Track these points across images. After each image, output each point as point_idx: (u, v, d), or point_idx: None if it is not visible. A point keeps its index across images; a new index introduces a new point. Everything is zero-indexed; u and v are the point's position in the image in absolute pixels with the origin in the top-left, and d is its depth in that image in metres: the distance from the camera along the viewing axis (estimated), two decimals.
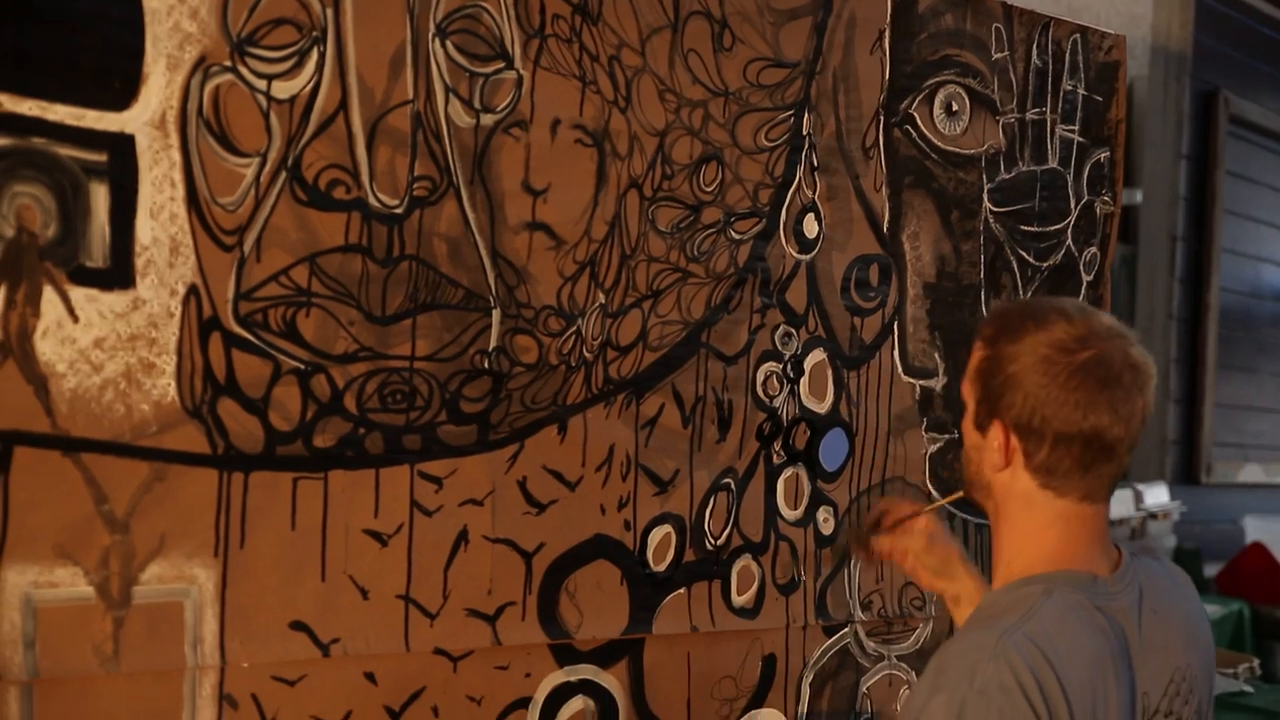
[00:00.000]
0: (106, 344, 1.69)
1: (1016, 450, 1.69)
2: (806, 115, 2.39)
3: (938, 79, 2.58)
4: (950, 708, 1.55)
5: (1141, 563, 1.79)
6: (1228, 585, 5.65)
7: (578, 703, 2.14)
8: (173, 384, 1.74)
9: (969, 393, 1.79)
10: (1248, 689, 3.76)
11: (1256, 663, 3.99)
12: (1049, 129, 2.75)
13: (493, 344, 2.02)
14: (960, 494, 1.95)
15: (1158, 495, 5.43)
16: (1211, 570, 5.84)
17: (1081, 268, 2.84)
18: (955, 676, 1.57)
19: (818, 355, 2.43)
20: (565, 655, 2.13)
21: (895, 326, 2.55)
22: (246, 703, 1.82)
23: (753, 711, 2.37)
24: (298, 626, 1.86)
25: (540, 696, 2.11)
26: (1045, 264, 2.77)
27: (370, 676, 1.93)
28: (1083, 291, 2.84)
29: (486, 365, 2.02)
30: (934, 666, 1.64)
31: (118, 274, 1.70)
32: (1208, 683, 1.79)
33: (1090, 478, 1.68)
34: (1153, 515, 5.33)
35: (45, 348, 1.64)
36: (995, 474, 1.73)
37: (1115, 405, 1.64)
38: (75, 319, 1.66)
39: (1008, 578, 1.72)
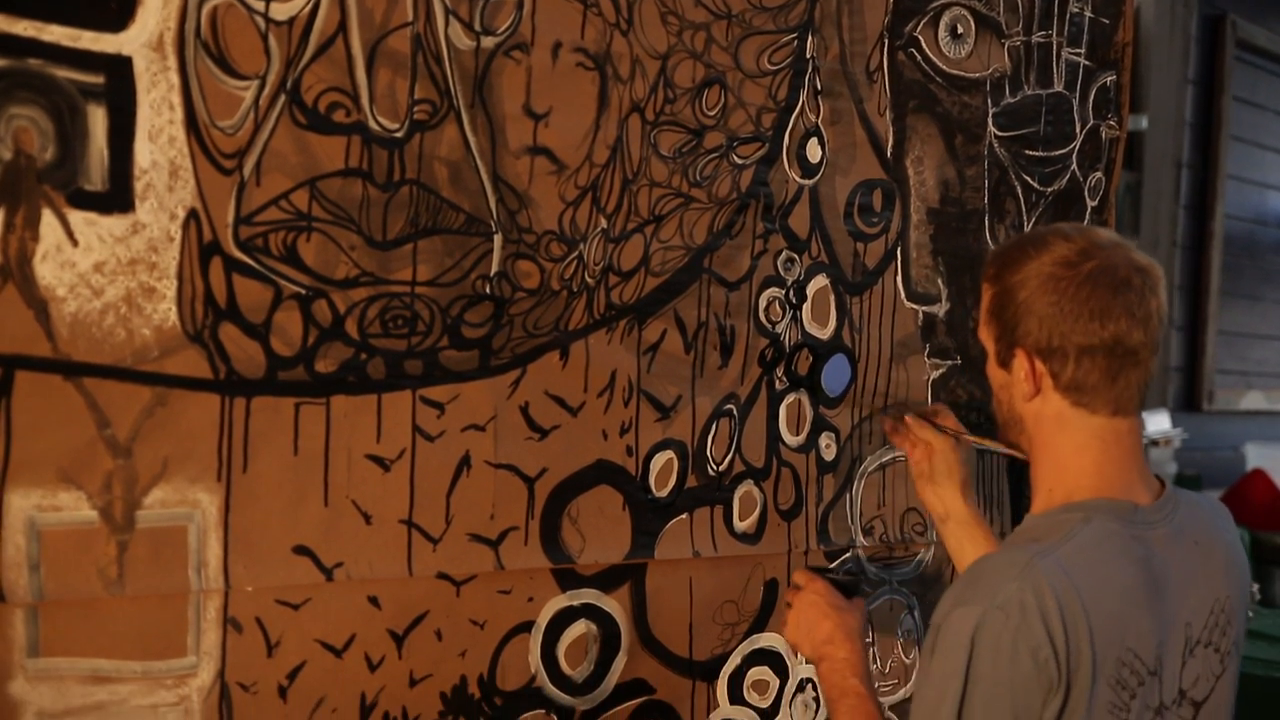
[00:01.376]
0: (106, 268, 1.68)
1: (1043, 374, 1.70)
2: (810, 38, 2.36)
3: (943, 1, 2.56)
4: (970, 620, 1.58)
5: (1183, 494, 1.79)
6: None
7: (580, 626, 2.16)
8: (173, 309, 1.74)
9: (986, 335, 1.81)
10: (1248, 613, 3.79)
11: (1256, 588, 4.03)
12: (1055, 52, 2.73)
13: (494, 269, 2.01)
14: (998, 445, 1.96)
15: (1159, 422, 5.44)
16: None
17: (1086, 193, 2.82)
18: (981, 591, 1.60)
19: (820, 281, 2.42)
20: (567, 580, 2.14)
21: (898, 252, 2.54)
22: (251, 626, 1.83)
23: (754, 635, 2.38)
24: (301, 551, 1.86)
25: (543, 620, 2.12)
26: (1050, 189, 2.76)
27: (374, 600, 1.94)
28: (1087, 217, 2.83)
29: (488, 290, 2.01)
30: (966, 579, 1.66)
31: (117, 197, 1.68)
32: (1243, 613, 1.80)
33: (1118, 388, 1.69)
34: (1154, 442, 5.34)
35: (45, 271, 1.63)
36: (1026, 404, 1.74)
37: (1130, 309, 1.66)
38: (75, 243, 1.65)
39: (1048, 503, 1.73)
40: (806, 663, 2.33)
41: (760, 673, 2.39)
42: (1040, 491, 1.77)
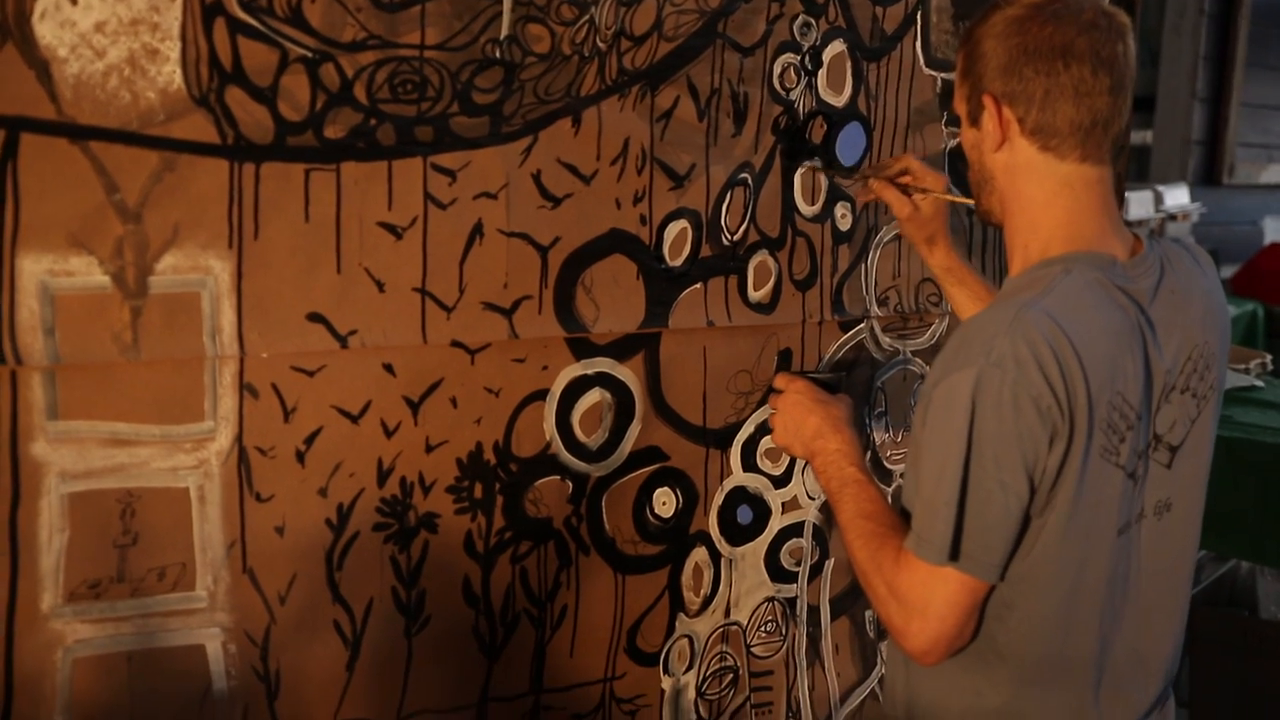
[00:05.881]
0: (108, 28, 1.64)
1: (1010, 120, 1.69)
2: None
3: None
4: (968, 382, 1.57)
5: (1161, 245, 1.79)
6: (1243, 286, 5.66)
7: (594, 395, 2.17)
8: (178, 71, 1.70)
9: (959, 99, 1.79)
10: (1259, 384, 3.83)
11: (1268, 358, 4.05)
12: None
13: (504, 33, 1.97)
14: (961, 198, 1.96)
15: (1178, 196, 5.39)
16: (1228, 272, 5.84)
17: None
18: (973, 351, 1.59)
19: (837, 47, 2.37)
20: (582, 349, 2.15)
21: (919, 16, 2.47)
22: (267, 392, 1.85)
23: (768, 405, 2.39)
24: (315, 318, 1.87)
25: (557, 389, 2.13)
26: None
27: (389, 368, 1.95)
28: None
29: (498, 55, 1.97)
30: (953, 344, 1.66)
31: None
32: (1223, 358, 1.81)
33: (1084, 132, 1.67)
34: (1172, 217, 5.30)
35: (44, 31, 1.60)
36: (994, 156, 1.73)
37: (1095, 49, 1.65)
38: (73, 1, 1.61)
39: (1025, 262, 1.72)
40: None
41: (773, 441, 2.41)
42: (1016, 250, 1.76)
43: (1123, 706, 1.75)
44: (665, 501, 2.29)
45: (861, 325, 2.50)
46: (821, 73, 2.35)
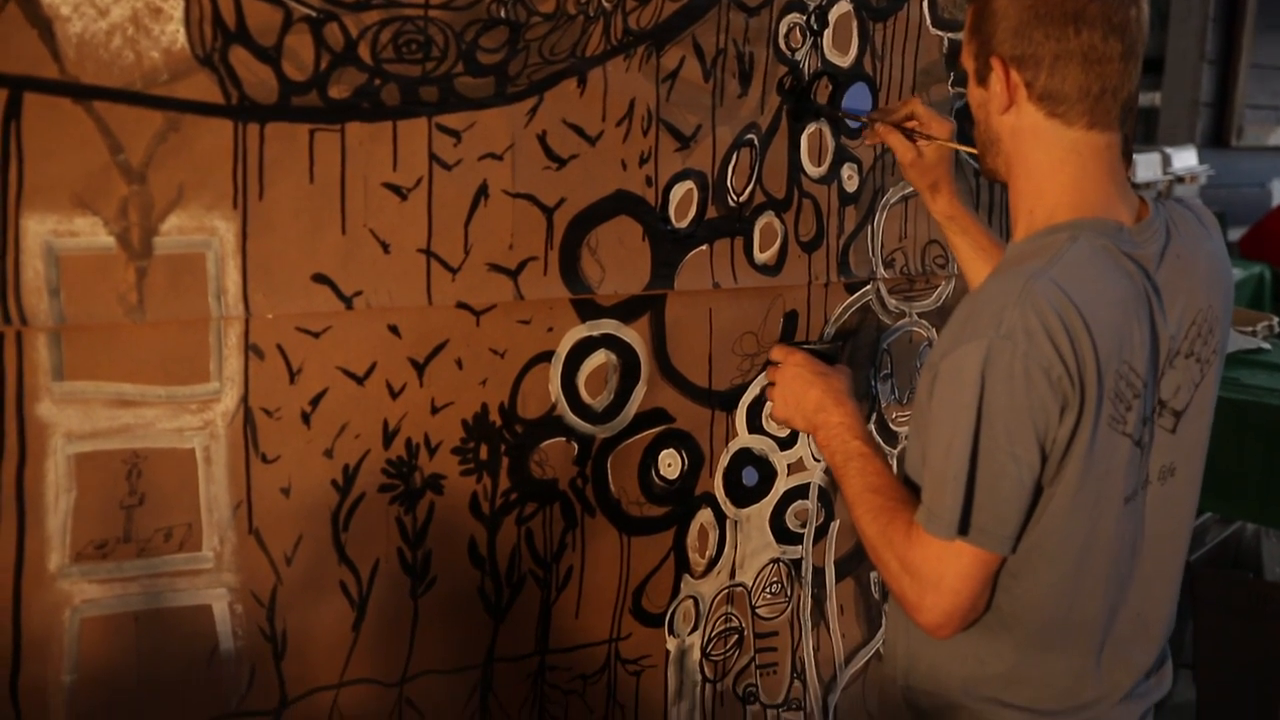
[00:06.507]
0: None
1: (1018, 84, 1.68)
2: None
3: None
4: (977, 354, 1.56)
5: (1167, 207, 1.78)
6: (1251, 249, 5.63)
7: (600, 356, 2.17)
8: (181, 30, 1.70)
9: (967, 56, 1.78)
10: (1265, 346, 3.83)
11: (1275, 320, 4.05)
12: None
13: None
14: (967, 147, 1.95)
15: (1186, 159, 5.37)
16: (1236, 234, 5.82)
17: None
18: (982, 323, 1.58)
19: (843, 6, 2.35)
20: (587, 310, 2.14)
21: None
22: (272, 353, 1.84)
23: (765, 376, 2.39)
24: (320, 279, 1.86)
25: (563, 350, 2.13)
26: None
27: (394, 329, 1.95)
28: None
29: (503, 15, 1.96)
30: (961, 315, 1.64)
31: None
32: (1226, 320, 1.81)
33: (1093, 99, 1.66)
34: (1180, 179, 5.28)
35: None
36: (1001, 118, 1.72)
37: (1108, 15, 1.63)
38: None
39: (1030, 228, 1.71)
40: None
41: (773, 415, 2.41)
42: (1020, 215, 1.75)
43: (1123, 669, 1.76)
44: (670, 463, 2.29)
45: (867, 287, 2.49)
46: (827, 33, 2.34)
